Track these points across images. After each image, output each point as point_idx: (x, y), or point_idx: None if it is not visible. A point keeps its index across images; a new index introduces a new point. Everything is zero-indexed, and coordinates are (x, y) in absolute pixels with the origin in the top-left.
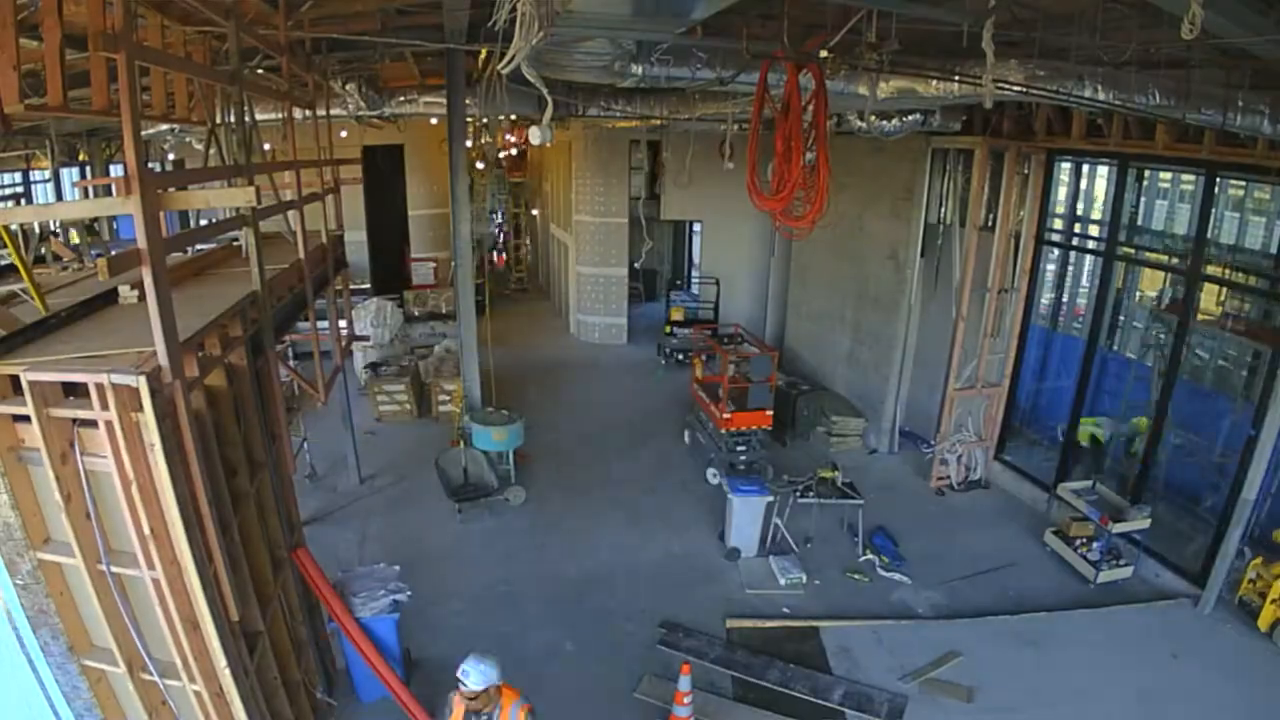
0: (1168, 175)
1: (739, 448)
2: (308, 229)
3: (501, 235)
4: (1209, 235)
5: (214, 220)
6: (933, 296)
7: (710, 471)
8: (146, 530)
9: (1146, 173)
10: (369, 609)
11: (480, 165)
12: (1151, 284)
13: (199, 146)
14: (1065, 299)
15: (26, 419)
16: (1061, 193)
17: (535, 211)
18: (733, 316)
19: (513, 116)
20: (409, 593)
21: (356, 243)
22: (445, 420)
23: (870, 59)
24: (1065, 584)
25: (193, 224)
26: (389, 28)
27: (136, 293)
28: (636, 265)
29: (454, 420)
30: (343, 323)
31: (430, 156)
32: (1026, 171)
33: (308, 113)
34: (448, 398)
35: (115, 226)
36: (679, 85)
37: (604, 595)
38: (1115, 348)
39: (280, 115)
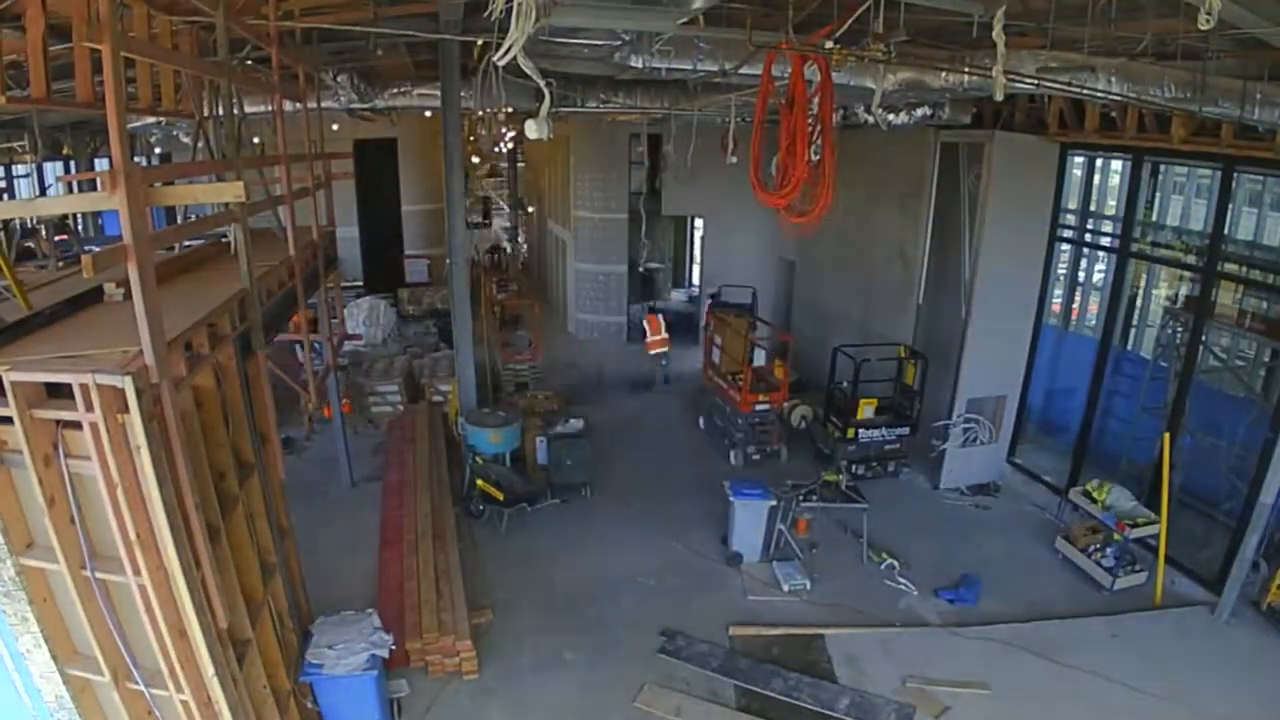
0: (1184, 170)
1: None
2: (298, 225)
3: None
4: (1226, 231)
5: (201, 216)
6: (942, 294)
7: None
8: (132, 535)
9: (1162, 167)
10: (344, 665)
11: (476, 160)
12: (1167, 282)
13: (186, 140)
14: (1078, 297)
15: (8, 420)
16: (1074, 187)
17: (531, 209)
18: None
19: (509, 109)
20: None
21: (348, 239)
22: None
23: (877, 50)
24: (1077, 590)
25: (180, 220)
26: (381, 17)
27: (122, 291)
28: (641, 269)
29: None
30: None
31: (425, 150)
32: None
33: (298, 105)
34: (443, 398)
35: (100, 222)
36: (680, 77)
37: (603, 601)
38: (1129, 347)
39: (270, 108)
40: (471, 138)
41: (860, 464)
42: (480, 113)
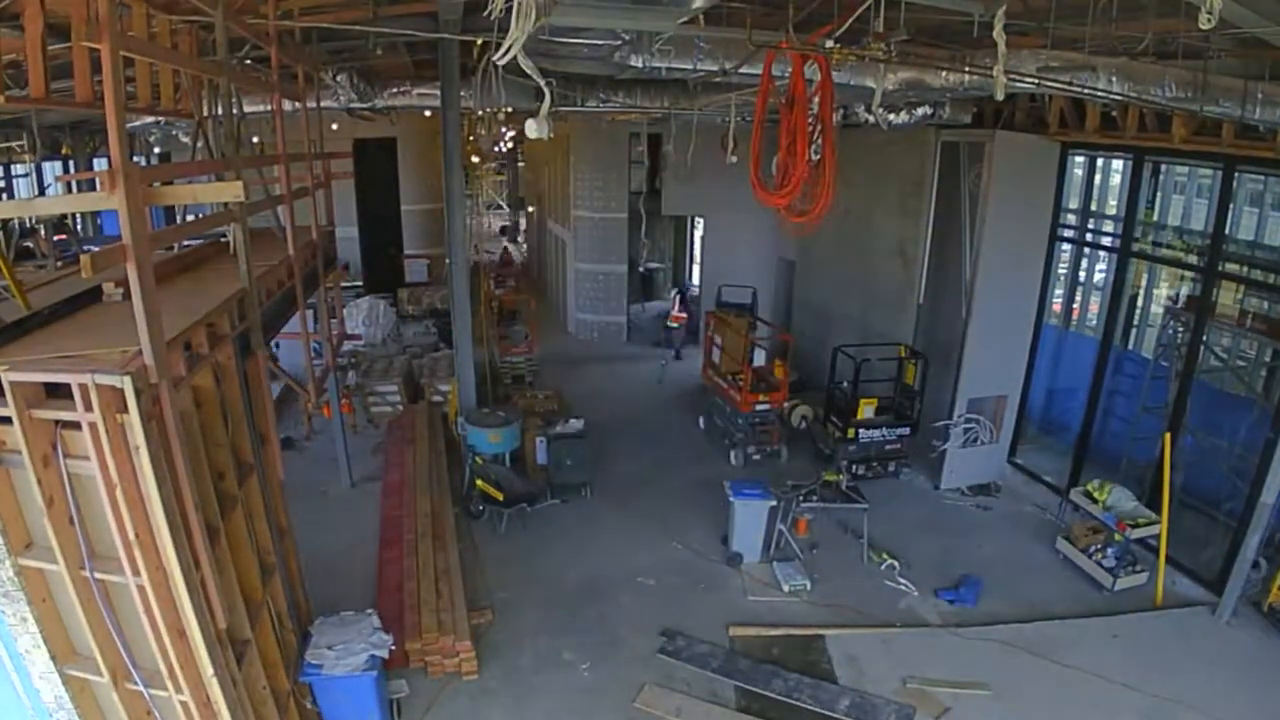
0: (1184, 169)
1: None
2: (298, 225)
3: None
4: (1227, 231)
5: (201, 216)
6: (942, 294)
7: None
8: (131, 535)
9: (1163, 167)
10: (343, 666)
11: (476, 159)
12: (1168, 282)
13: (186, 140)
14: (1079, 297)
15: (7, 420)
16: (1075, 187)
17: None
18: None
19: (509, 109)
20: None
21: (348, 239)
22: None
23: (878, 49)
24: (1078, 590)
25: (179, 220)
26: (381, 17)
27: (121, 290)
28: (641, 269)
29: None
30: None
31: (424, 150)
32: None
33: (297, 105)
34: (442, 398)
35: (99, 222)
36: (680, 77)
37: (603, 602)
38: (1130, 347)
39: (269, 108)
40: (471, 137)
41: (860, 464)
42: (480, 112)
